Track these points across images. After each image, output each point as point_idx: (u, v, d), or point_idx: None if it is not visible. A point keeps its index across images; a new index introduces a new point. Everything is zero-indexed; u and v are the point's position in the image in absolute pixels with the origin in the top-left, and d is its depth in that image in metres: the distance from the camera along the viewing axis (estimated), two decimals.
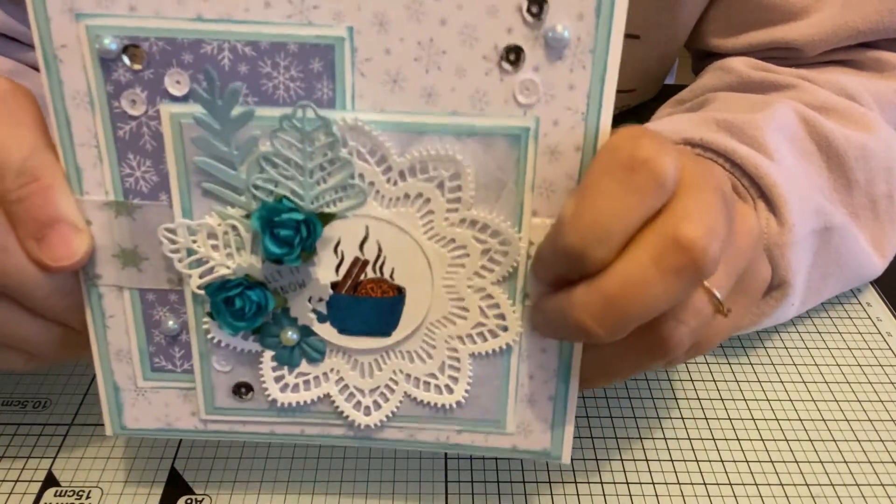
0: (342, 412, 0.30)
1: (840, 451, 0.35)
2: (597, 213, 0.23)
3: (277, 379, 0.30)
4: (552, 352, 0.29)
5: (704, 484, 0.33)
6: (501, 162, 0.26)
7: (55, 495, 0.33)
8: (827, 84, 0.42)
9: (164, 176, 0.27)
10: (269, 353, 0.29)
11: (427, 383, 0.30)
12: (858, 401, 0.38)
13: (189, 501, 0.33)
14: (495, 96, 0.25)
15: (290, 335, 0.29)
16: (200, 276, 0.28)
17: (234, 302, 0.27)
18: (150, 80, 0.25)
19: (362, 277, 0.28)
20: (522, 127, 0.26)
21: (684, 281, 0.24)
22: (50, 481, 0.34)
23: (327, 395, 0.30)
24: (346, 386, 0.30)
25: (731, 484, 0.33)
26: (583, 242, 0.23)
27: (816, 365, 0.41)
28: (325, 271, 0.28)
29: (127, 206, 0.27)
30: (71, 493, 0.33)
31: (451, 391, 0.30)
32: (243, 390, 0.30)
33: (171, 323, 0.29)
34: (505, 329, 0.28)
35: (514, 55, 0.25)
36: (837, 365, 0.41)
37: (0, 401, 0.38)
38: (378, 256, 0.27)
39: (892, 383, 0.39)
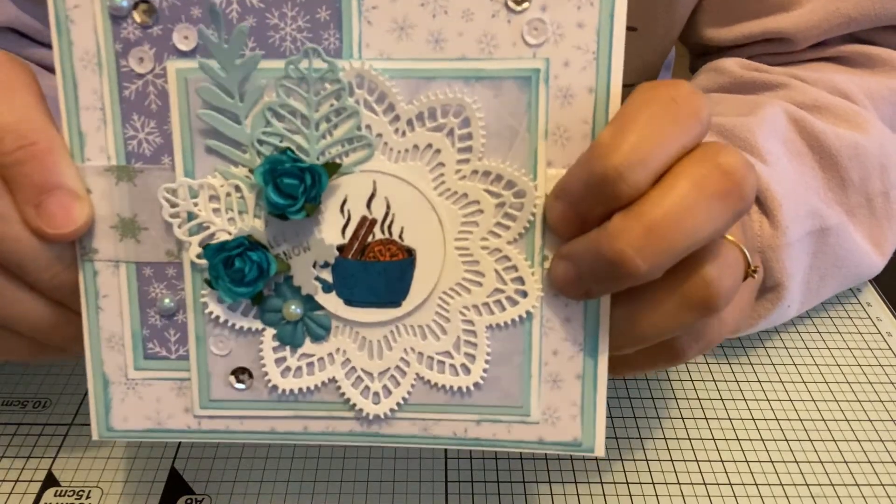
0: (349, 400, 0.27)
1: (840, 451, 0.35)
2: (639, 136, 0.23)
3: (279, 361, 0.27)
4: (577, 321, 0.27)
5: (704, 484, 0.33)
6: (512, 107, 0.25)
7: (55, 495, 0.33)
8: (819, 82, 0.42)
9: (167, 137, 0.26)
10: (270, 333, 0.27)
11: (441, 363, 0.27)
12: (858, 401, 0.38)
13: (189, 501, 0.32)
14: (503, 39, 0.25)
15: (294, 309, 0.27)
16: (200, 245, 0.26)
17: (233, 262, 0.26)
18: (159, 36, 0.25)
19: (370, 240, 0.26)
20: (532, 69, 0.25)
21: (727, 208, 0.23)
22: (50, 481, 0.34)
23: (332, 380, 0.27)
24: (354, 369, 0.27)
25: (731, 484, 0.33)
26: (623, 163, 0.22)
27: (816, 365, 0.40)
28: (330, 232, 0.26)
29: (128, 170, 0.26)
30: (71, 493, 0.33)
31: (467, 371, 0.27)
32: (242, 377, 0.28)
33: (167, 301, 0.27)
34: (524, 295, 0.26)
35: None
36: (837, 365, 0.40)
37: (0, 401, 0.38)
38: (386, 215, 0.26)
39: (892, 383, 0.39)
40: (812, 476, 0.34)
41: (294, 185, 0.25)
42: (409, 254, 0.26)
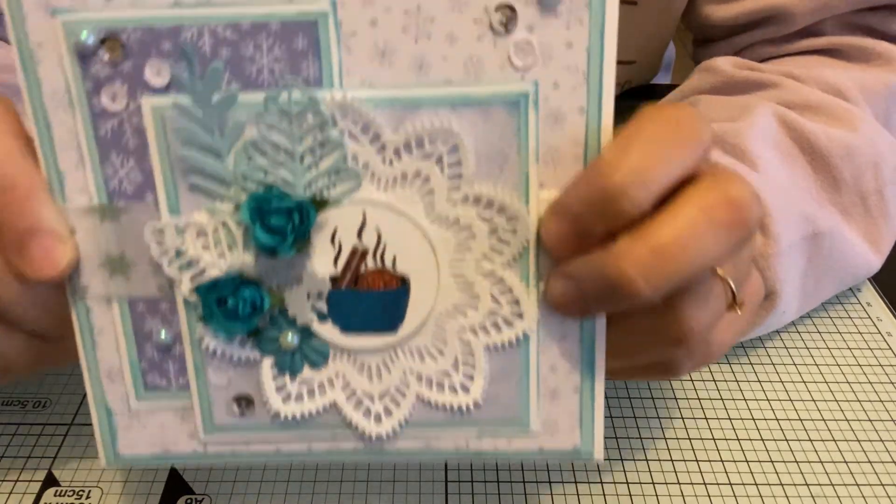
0: (351, 422, 0.28)
1: (840, 451, 0.35)
2: (642, 155, 0.22)
3: (279, 388, 0.28)
4: (573, 338, 0.27)
5: (704, 484, 0.33)
6: (502, 131, 0.25)
7: (55, 495, 0.33)
8: (812, 80, 0.42)
9: (148, 174, 0.25)
10: (268, 361, 0.27)
11: (441, 384, 0.27)
12: (858, 401, 0.38)
13: (189, 501, 0.33)
14: (490, 62, 0.24)
15: (290, 338, 0.27)
16: (192, 280, 0.26)
17: (226, 301, 0.25)
18: (130, 72, 0.24)
19: (363, 269, 0.26)
20: (520, 92, 0.24)
21: (733, 238, 0.23)
22: (50, 481, 0.34)
23: (334, 404, 0.28)
24: (354, 392, 0.28)
25: (731, 484, 0.33)
26: (625, 182, 0.22)
27: (816, 365, 0.40)
28: (322, 264, 0.26)
29: (112, 209, 0.26)
30: (71, 493, 0.33)
31: (466, 391, 0.27)
32: (244, 404, 0.28)
33: (163, 334, 0.27)
34: (520, 316, 0.26)
35: (505, 15, 0.23)
36: (837, 365, 0.40)
37: (0, 401, 0.38)
38: (378, 244, 0.26)
39: (892, 383, 0.39)
40: (812, 476, 0.33)
41: (282, 225, 0.24)
42: (403, 282, 0.26)
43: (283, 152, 0.25)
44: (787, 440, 0.36)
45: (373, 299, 0.26)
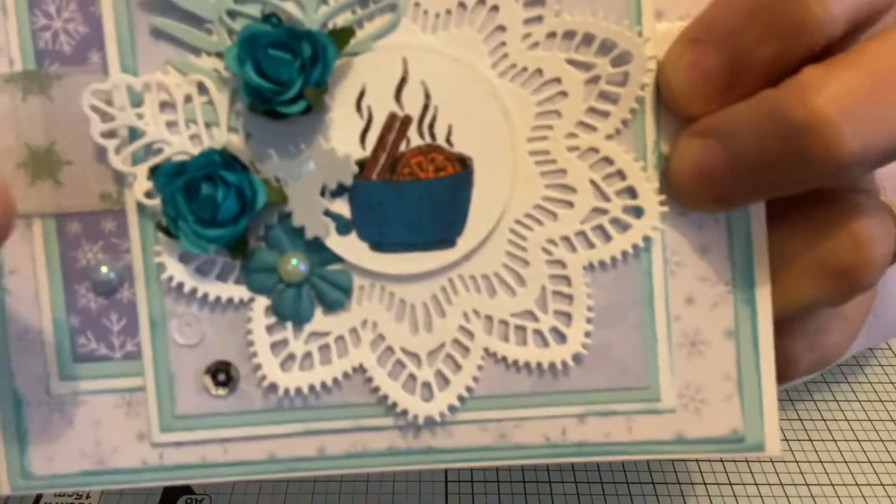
0: (386, 397, 0.18)
1: (840, 451, 0.35)
2: None
3: (277, 346, 0.18)
4: (719, 249, 0.18)
5: (705, 484, 0.32)
6: None
7: (55, 495, 0.32)
8: None
9: (95, 22, 0.18)
10: (261, 304, 0.18)
11: (521, 329, 0.18)
12: (859, 401, 0.37)
13: (189, 501, 0.31)
14: None
15: (295, 264, 0.18)
16: (150, 173, 0.18)
17: (199, 188, 0.17)
18: None
19: (403, 148, 0.18)
20: None
21: None
22: None
23: (360, 369, 0.18)
24: (390, 349, 0.18)
25: (731, 484, 0.32)
26: None
27: None
28: (344, 141, 0.18)
29: (40, 77, 0.18)
30: (71, 493, 0.31)
31: (561, 338, 0.18)
32: (221, 377, 0.18)
33: (104, 269, 0.18)
34: (638, 213, 0.18)
35: None
36: (838, 365, 0.39)
37: None
38: (425, 109, 0.18)
39: (892, 384, 0.38)
40: (812, 476, 0.33)
41: (285, 61, 0.16)
42: (464, 165, 0.18)
43: None
44: (787, 440, 0.34)
45: (419, 192, 0.18)
